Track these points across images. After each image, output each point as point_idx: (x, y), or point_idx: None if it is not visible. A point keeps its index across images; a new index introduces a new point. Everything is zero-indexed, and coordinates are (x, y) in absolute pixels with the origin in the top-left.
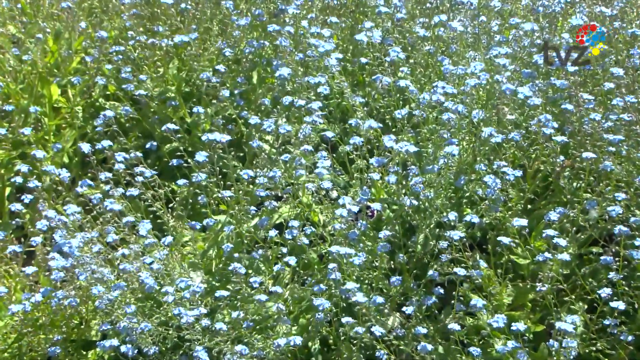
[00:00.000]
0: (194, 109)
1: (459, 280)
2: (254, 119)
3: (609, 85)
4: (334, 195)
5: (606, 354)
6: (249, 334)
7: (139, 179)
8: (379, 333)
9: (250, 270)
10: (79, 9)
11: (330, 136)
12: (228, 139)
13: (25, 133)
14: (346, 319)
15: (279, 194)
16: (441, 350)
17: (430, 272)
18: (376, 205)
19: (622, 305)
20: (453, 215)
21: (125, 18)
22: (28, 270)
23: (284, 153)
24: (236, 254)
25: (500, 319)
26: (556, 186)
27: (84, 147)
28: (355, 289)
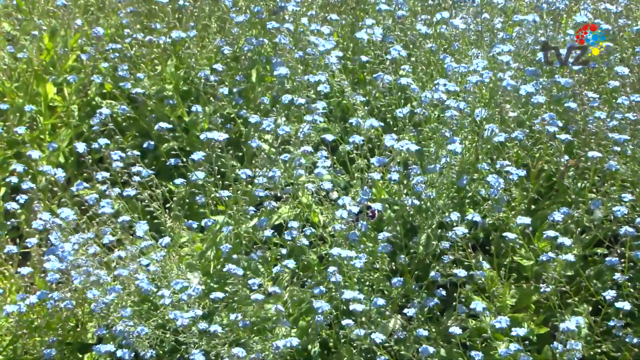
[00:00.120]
0: (192, 108)
1: (461, 281)
2: (253, 117)
3: (614, 84)
4: (334, 195)
5: (611, 356)
6: (247, 336)
7: (136, 178)
8: (379, 340)
9: (248, 271)
10: (75, 6)
11: (330, 139)
12: (226, 137)
13: (20, 132)
14: (346, 321)
15: (279, 194)
16: (443, 353)
17: (432, 274)
18: (377, 205)
19: (628, 306)
20: (455, 216)
21: (122, 15)
22: (23, 272)
23: (284, 152)
24: (235, 255)
25: (503, 321)
26: (560, 186)
27: (80, 147)
28: (354, 297)
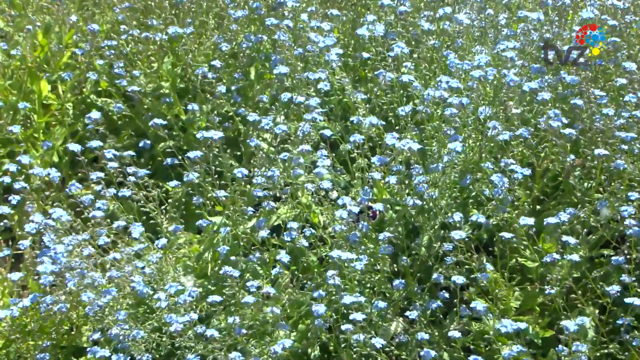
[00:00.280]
0: (189, 106)
1: (465, 283)
2: (252, 116)
3: (621, 81)
4: (335, 195)
5: (617, 358)
6: (245, 340)
7: (131, 179)
8: (380, 345)
9: (247, 273)
10: (69, 2)
11: (329, 135)
12: (221, 135)
13: (14, 131)
14: (346, 326)
15: (278, 195)
16: (446, 357)
17: (434, 276)
18: (378, 205)
19: (638, 301)
20: (458, 216)
21: (118, 11)
22: (16, 275)
23: (283, 152)
24: (233, 257)
25: (507, 324)
26: (566, 186)
27: (74, 147)
28: (354, 301)
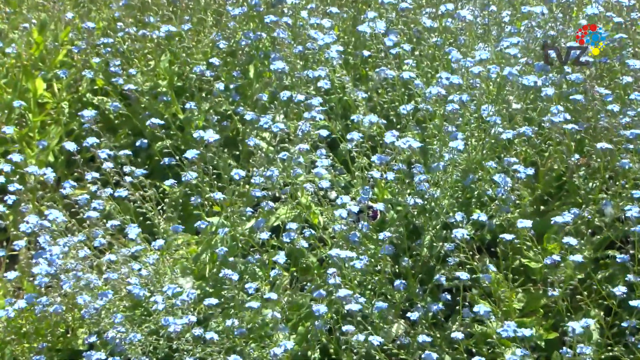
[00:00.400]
0: (186, 105)
1: (468, 284)
2: (251, 115)
3: (626, 79)
4: (334, 195)
5: None
6: (244, 343)
7: (128, 179)
8: (377, 343)
9: (245, 275)
10: None
11: (325, 135)
12: (216, 138)
13: (8, 132)
14: (347, 327)
15: (277, 195)
16: None
17: (436, 277)
18: (379, 205)
19: None
20: (460, 216)
21: (114, 8)
22: (11, 275)
23: (282, 151)
24: (231, 258)
25: (510, 327)
26: (570, 186)
27: (69, 146)
28: (349, 294)
